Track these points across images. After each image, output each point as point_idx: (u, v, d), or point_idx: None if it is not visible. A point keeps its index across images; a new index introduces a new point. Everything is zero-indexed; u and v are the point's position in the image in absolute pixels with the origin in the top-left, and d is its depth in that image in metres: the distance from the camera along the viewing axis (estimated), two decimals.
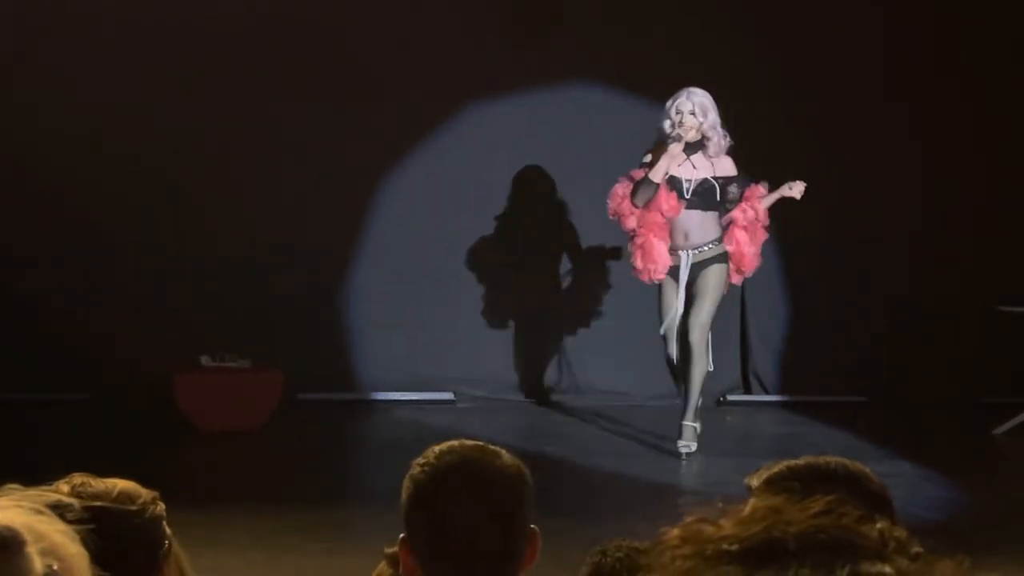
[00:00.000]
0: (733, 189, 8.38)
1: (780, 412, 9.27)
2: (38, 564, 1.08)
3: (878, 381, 9.56)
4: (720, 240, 8.37)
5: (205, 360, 8.83)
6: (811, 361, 9.61)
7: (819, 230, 9.57)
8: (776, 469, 2.75)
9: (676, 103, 8.35)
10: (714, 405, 9.32)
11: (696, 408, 8.22)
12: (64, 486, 2.74)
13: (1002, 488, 7.80)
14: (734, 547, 1.02)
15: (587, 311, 9.61)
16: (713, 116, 8.34)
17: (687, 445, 8.18)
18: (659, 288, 8.38)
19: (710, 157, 8.38)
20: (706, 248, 8.35)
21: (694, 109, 8.30)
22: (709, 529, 1.05)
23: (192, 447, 8.40)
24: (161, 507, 2.82)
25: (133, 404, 8.78)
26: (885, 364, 9.57)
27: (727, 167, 8.44)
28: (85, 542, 1.14)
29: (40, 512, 1.12)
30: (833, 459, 2.84)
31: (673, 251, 8.32)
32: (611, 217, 8.44)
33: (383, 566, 3.76)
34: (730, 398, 9.63)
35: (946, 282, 9.65)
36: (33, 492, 1.13)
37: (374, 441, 8.53)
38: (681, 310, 8.29)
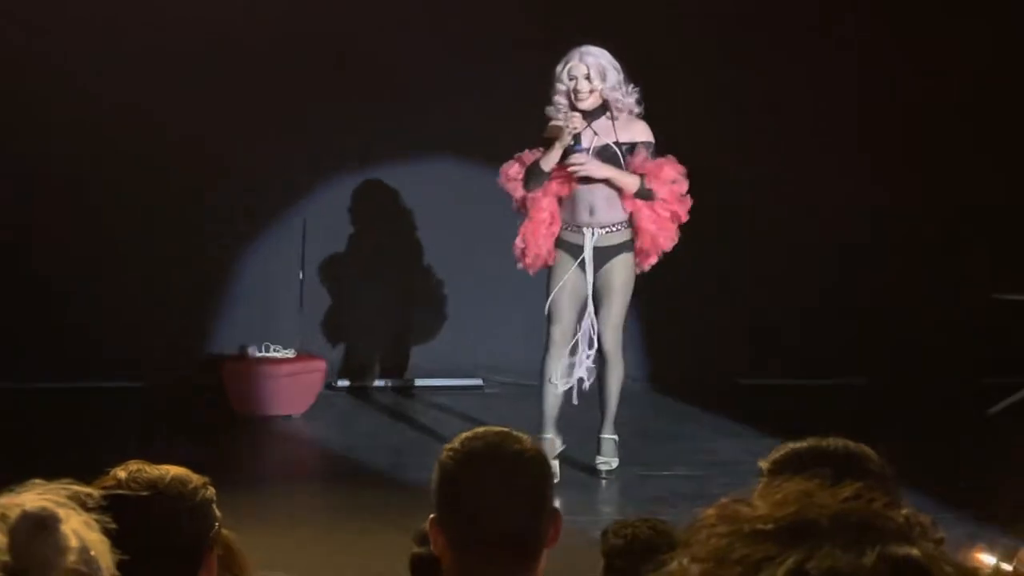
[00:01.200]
0: (642, 154, 7.12)
1: (791, 394, 9.12)
2: (73, 541, 1.09)
3: (879, 363, 9.51)
4: (628, 224, 7.17)
5: (251, 350, 8.87)
6: (816, 344, 9.54)
7: (828, 224, 9.55)
8: (781, 452, 2.76)
9: (568, 67, 7.06)
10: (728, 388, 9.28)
11: (614, 419, 7.30)
12: (121, 472, 2.77)
13: (996, 463, 7.83)
14: (769, 526, 1.03)
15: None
16: (614, 77, 7.06)
17: (607, 461, 7.28)
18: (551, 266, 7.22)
19: (614, 120, 7.09)
20: (613, 229, 7.15)
21: (589, 72, 7.04)
22: (744, 509, 1.07)
23: (240, 433, 8.41)
24: (211, 491, 2.84)
25: (182, 393, 8.80)
26: (886, 346, 9.51)
27: (637, 132, 7.17)
28: (106, 529, 1.14)
29: (62, 504, 1.13)
30: (835, 440, 2.85)
31: (576, 228, 7.15)
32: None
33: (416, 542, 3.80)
34: (742, 381, 9.52)
35: (946, 270, 9.61)
36: (55, 485, 1.13)
37: (410, 425, 8.52)
38: (586, 293, 7.15)
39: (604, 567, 3.85)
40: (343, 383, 9.31)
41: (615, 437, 7.30)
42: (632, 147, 7.10)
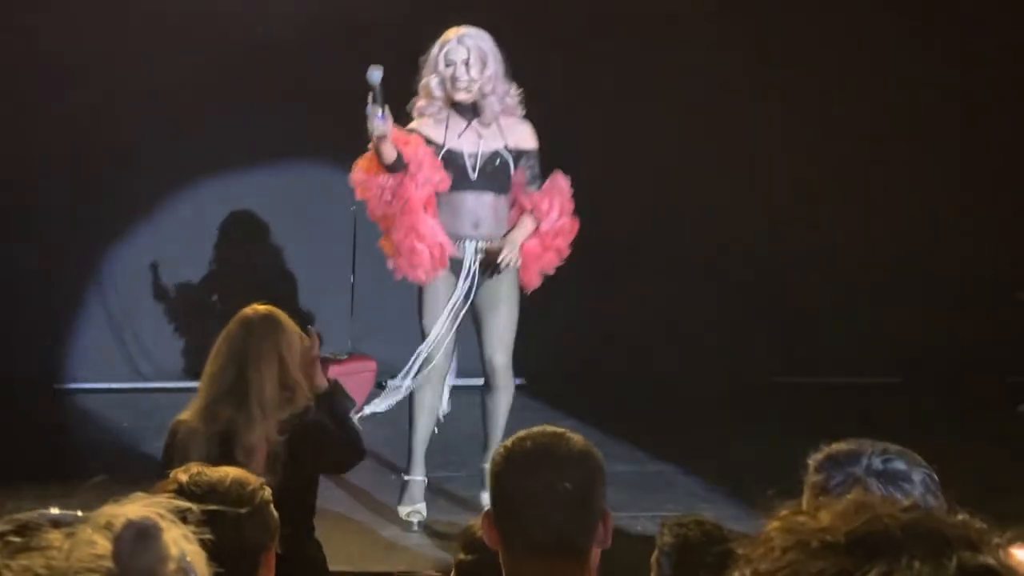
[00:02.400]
0: (528, 170, 6.11)
1: (825, 392, 9.04)
2: (173, 550, 1.11)
3: (911, 363, 9.43)
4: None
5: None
6: (849, 343, 9.45)
7: (856, 222, 9.51)
8: (821, 455, 2.71)
9: (444, 51, 5.92)
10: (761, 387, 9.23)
11: None
12: (182, 475, 2.77)
13: (1021, 459, 7.78)
14: (840, 539, 0.98)
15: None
16: (494, 65, 5.95)
17: None
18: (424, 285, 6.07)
19: (497, 121, 6.01)
20: (498, 240, 6.08)
21: (469, 57, 5.91)
22: (809, 522, 1.02)
23: None
24: (268, 492, 2.85)
25: None
26: (918, 347, 9.44)
27: (523, 134, 6.10)
28: (203, 543, 1.17)
29: (163, 516, 1.15)
30: (873, 443, 2.78)
31: (456, 239, 6.03)
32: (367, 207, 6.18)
33: (461, 539, 3.76)
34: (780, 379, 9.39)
35: (974, 271, 9.51)
36: (157, 499, 1.16)
37: (454, 422, 8.51)
38: (455, 318, 6.11)
39: (657, 561, 3.81)
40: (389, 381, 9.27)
41: None
42: (519, 155, 6.10)
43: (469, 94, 5.95)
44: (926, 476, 2.66)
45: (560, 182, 6.19)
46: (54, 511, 1.15)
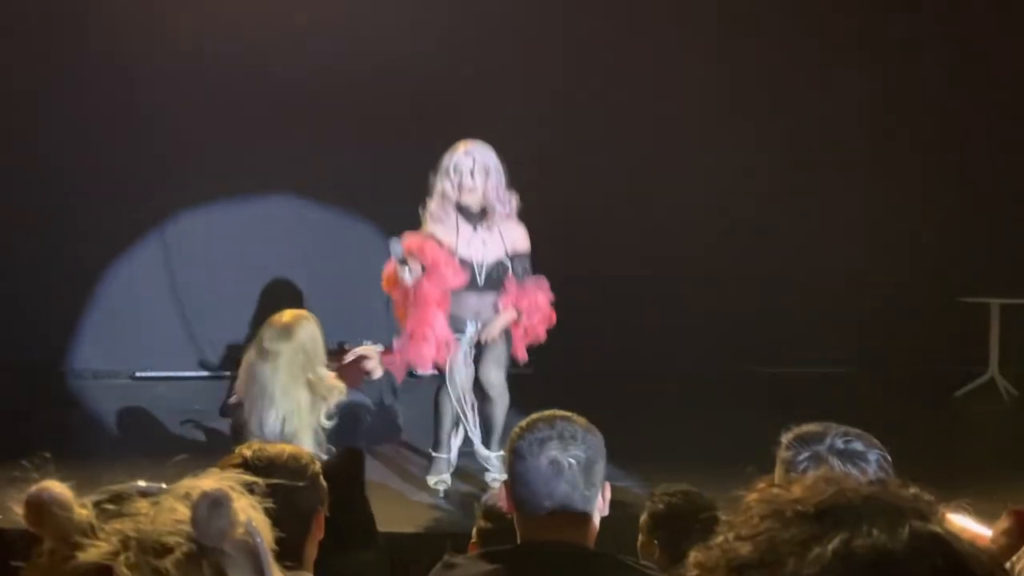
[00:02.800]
0: (519, 268, 6.17)
1: (791, 380, 9.01)
2: (242, 517, 1.13)
3: (862, 354, 9.40)
4: None
5: (347, 344, 8.83)
6: (809, 336, 9.42)
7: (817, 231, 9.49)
8: (791, 434, 2.72)
9: (454, 160, 6.06)
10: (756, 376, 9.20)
11: (500, 439, 6.15)
12: (246, 451, 2.79)
13: (959, 438, 7.76)
14: (810, 509, 0.99)
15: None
16: (496, 176, 6.07)
17: (497, 478, 6.12)
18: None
19: (498, 228, 6.11)
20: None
21: (474, 167, 6.03)
22: (783, 493, 1.03)
23: None
24: (318, 465, 2.86)
25: None
26: (870, 340, 9.41)
27: (518, 237, 6.17)
28: (265, 510, 1.20)
29: (233, 488, 1.17)
30: (836, 426, 2.78)
31: (460, 322, 6.12)
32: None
33: (480, 514, 3.77)
34: (754, 369, 9.35)
35: (921, 275, 9.47)
36: (227, 474, 1.18)
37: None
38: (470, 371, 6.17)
39: (647, 526, 3.82)
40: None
41: (502, 452, 5.89)
42: (515, 256, 6.17)
43: (474, 197, 6.05)
44: (880, 456, 2.67)
45: (542, 284, 6.28)
46: (141, 483, 1.18)
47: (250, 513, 1.16)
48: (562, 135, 9.18)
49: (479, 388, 6.20)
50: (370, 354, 5.62)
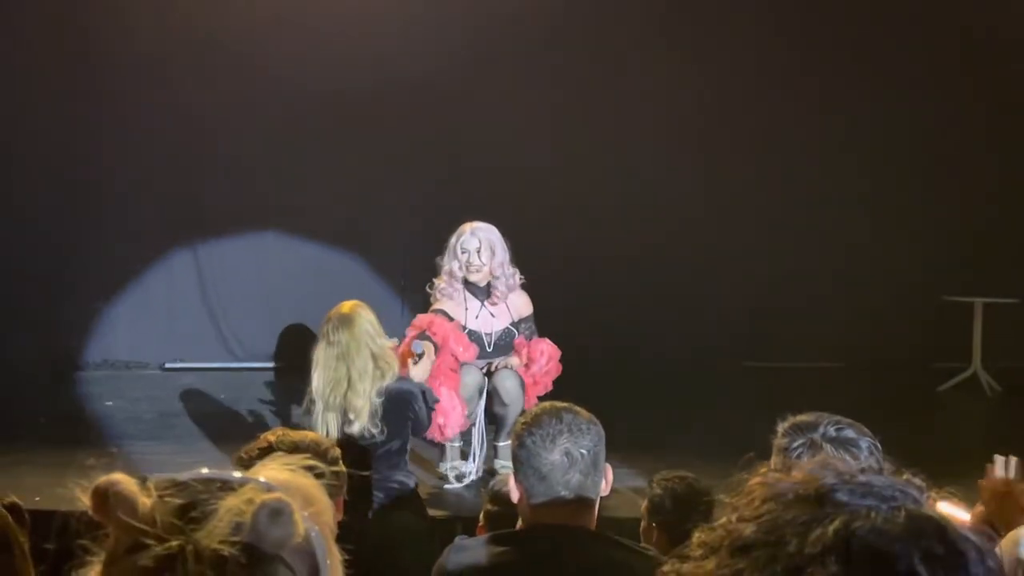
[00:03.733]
0: (526, 331, 6.25)
1: (782, 375, 8.98)
2: (301, 526, 1.09)
3: (850, 350, 9.38)
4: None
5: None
6: (801, 335, 9.40)
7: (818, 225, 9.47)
8: (787, 423, 2.73)
9: (460, 241, 6.14)
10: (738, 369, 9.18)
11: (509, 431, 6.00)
12: (271, 436, 2.80)
13: (943, 430, 7.74)
14: (811, 492, 0.99)
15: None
16: (501, 254, 6.16)
17: (506, 465, 5.80)
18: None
19: (504, 299, 6.23)
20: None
21: (480, 246, 6.11)
22: (784, 478, 1.02)
23: None
24: (338, 451, 2.88)
25: None
26: (857, 337, 9.39)
27: (522, 304, 6.28)
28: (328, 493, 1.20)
29: (295, 471, 1.16)
30: (829, 416, 2.79)
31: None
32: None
33: (488, 498, 3.79)
34: (748, 364, 9.33)
35: (907, 275, 9.44)
36: (293, 458, 1.17)
37: None
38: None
39: (647, 511, 3.81)
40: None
41: (510, 442, 6.15)
42: (520, 322, 6.27)
43: (480, 275, 6.15)
44: (871, 444, 2.68)
45: (548, 342, 6.33)
46: (205, 470, 1.14)
47: (314, 499, 1.14)
48: (560, 137, 9.21)
49: (495, 397, 6.16)
50: (425, 353, 5.68)
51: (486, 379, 6.18)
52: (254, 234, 9.25)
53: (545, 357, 6.26)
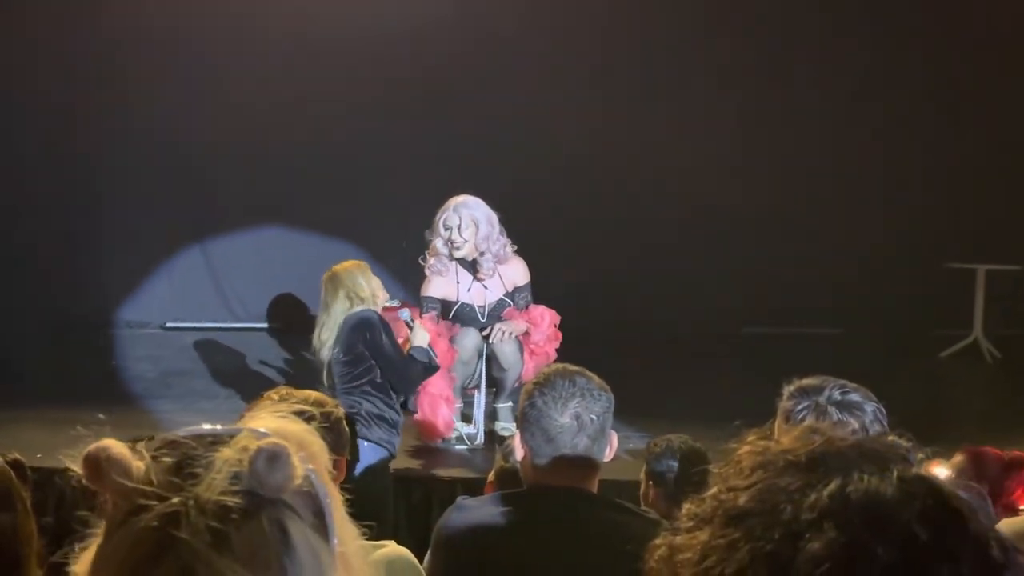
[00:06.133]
0: (521, 300, 6.22)
1: (783, 340, 8.97)
2: (300, 469, 1.08)
3: (852, 316, 9.38)
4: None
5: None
6: (799, 299, 9.38)
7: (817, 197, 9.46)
8: (793, 386, 2.74)
9: (443, 218, 6.10)
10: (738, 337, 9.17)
11: (508, 393, 6.19)
12: (274, 394, 2.80)
13: (944, 396, 7.74)
14: (801, 458, 0.98)
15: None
16: (486, 228, 6.07)
17: (507, 427, 6.14)
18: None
19: (491, 275, 6.16)
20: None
21: (461, 223, 6.06)
22: (772, 445, 1.01)
23: None
24: (341, 411, 2.88)
25: None
26: (859, 303, 9.39)
27: (517, 274, 6.24)
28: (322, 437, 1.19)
29: (285, 417, 1.15)
30: (835, 380, 2.79)
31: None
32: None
33: (499, 457, 3.81)
34: (747, 330, 9.33)
35: (909, 241, 9.43)
36: (282, 406, 1.17)
37: None
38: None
39: (646, 474, 3.84)
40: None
41: (510, 404, 6.15)
42: (516, 290, 6.24)
43: (462, 252, 6.12)
44: (876, 408, 2.69)
45: (548, 309, 6.32)
46: (206, 426, 1.13)
47: (307, 443, 1.12)
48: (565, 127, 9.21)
49: (493, 361, 6.18)
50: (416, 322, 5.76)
51: (485, 343, 6.19)
52: (261, 210, 9.23)
53: (546, 322, 6.25)
